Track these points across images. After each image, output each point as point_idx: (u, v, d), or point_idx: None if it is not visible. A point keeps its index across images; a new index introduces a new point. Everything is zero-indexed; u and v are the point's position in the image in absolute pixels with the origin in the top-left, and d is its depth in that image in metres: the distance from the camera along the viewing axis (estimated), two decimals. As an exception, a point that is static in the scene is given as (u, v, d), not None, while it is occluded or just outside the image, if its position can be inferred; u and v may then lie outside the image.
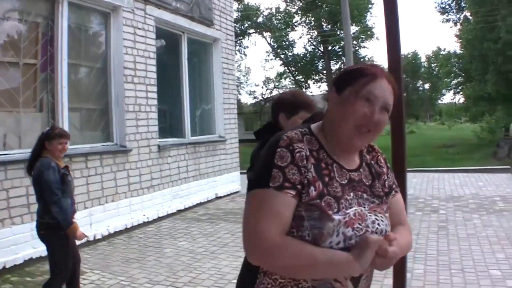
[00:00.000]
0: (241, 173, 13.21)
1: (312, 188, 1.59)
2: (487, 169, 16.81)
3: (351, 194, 1.67)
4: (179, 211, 9.90)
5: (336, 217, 1.57)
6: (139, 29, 8.97)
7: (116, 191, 8.17)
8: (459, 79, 40.32)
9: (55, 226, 4.36)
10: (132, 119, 8.66)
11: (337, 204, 1.60)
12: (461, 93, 42.31)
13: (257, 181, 1.62)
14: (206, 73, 11.98)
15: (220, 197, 11.70)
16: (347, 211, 1.60)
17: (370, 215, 1.66)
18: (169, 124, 10.58)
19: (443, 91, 71.96)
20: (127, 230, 8.33)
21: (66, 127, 7.06)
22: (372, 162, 1.86)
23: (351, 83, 1.68)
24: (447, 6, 38.18)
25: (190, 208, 10.33)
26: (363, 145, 1.78)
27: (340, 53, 35.86)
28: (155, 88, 9.34)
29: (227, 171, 12.22)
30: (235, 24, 37.17)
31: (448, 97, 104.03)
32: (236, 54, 39.62)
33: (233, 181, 12.48)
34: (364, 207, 1.67)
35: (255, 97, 47.56)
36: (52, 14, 7.41)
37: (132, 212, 8.58)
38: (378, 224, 1.67)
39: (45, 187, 4.33)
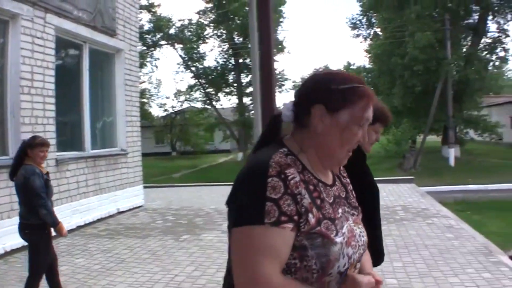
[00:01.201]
0: (144, 187, 13.35)
1: (310, 215, 1.54)
2: (392, 179, 17.75)
3: (339, 210, 1.67)
4: (79, 227, 9.95)
5: (338, 239, 1.57)
6: (38, 38, 9.06)
7: (11, 207, 8.11)
8: (368, 93, 41.81)
9: (40, 227, 4.98)
10: (29, 131, 8.64)
11: (334, 226, 1.59)
12: (370, 106, 43.88)
13: (247, 216, 1.51)
14: (108, 85, 12.16)
15: (122, 212, 11.86)
16: (343, 231, 1.61)
17: (356, 228, 1.70)
18: (68, 137, 10.64)
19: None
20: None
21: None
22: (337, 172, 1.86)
23: (347, 106, 1.63)
24: (358, 22, 39.71)
25: (90, 223, 10.44)
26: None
27: (251, 66, 36.40)
28: (53, 100, 9.43)
29: (129, 185, 12.39)
30: (147, 36, 37.09)
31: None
32: (146, 66, 39.50)
33: (135, 195, 12.67)
34: (349, 221, 1.69)
35: (165, 110, 47.45)
36: None
37: (28, 228, 8.53)
38: (362, 236, 1.72)
39: (31, 192, 4.91)
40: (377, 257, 2.90)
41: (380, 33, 36.54)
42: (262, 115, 4.14)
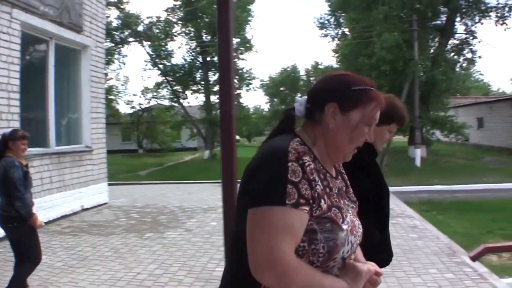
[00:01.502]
0: (109, 184, 13.41)
1: (322, 201, 1.66)
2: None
3: (341, 201, 1.78)
4: (42, 224, 9.94)
5: (345, 226, 1.70)
6: (4, 33, 9.13)
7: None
8: (336, 92, 42.05)
9: (20, 218, 5.20)
10: (-7, 127, 8.70)
11: (340, 214, 1.71)
12: (337, 105, 44.16)
13: (269, 197, 1.60)
14: (74, 81, 12.24)
15: (87, 209, 11.96)
16: (347, 219, 1.74)
17: (355, 220, 1.83)
18: (32, 133, 10.47)
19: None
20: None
21: None
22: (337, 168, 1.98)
23: (359, 106, 1.77)
24: (326, 22, 39.83)
25: (54, 220, 10.52)
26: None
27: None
28: (18, 96, 9.49)
29: (93, 182, 12.48)
30: (115, 32, 36.81)
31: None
32: (113, 62, 39.19)
33: (100, 193, 12.77)
34: (349, 213, 1.80)
35: (133, 107, 47.19)
36: None
37: (-9, 224, 8.57)
38: (360, 228, 1.86)
39: (10, 184, 5.14)
40: (387, 257, 3.06)
41: (348, 33, 36.83)
42: (221, 114, 4.33)
